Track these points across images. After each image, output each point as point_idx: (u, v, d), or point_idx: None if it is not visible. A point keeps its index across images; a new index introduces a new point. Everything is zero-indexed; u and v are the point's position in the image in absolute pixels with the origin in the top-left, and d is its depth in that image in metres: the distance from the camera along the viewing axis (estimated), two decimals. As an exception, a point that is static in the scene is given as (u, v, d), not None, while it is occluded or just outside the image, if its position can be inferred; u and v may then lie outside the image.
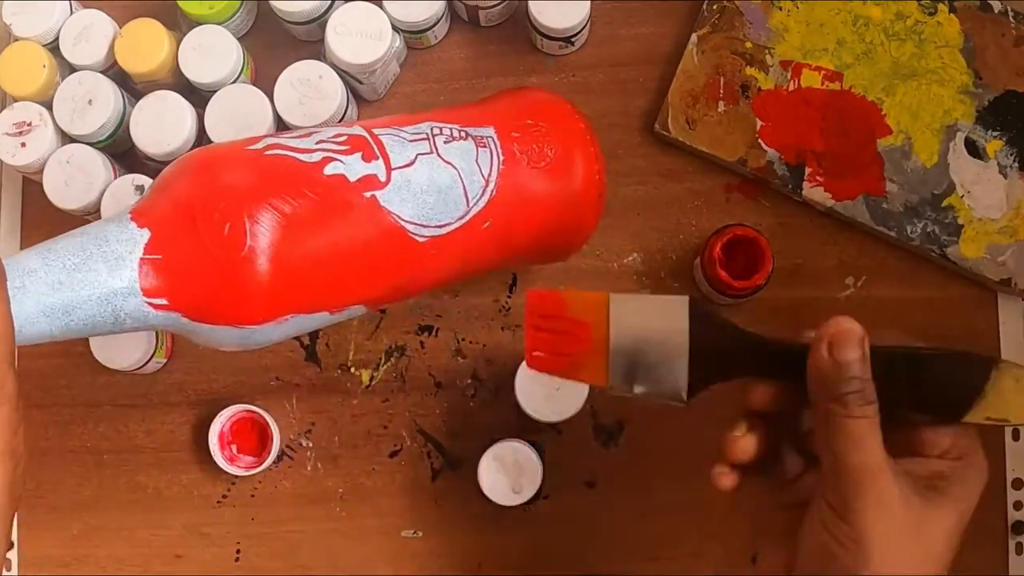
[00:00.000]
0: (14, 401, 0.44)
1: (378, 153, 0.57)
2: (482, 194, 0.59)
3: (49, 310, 0.50)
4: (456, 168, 0.58)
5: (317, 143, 0.57)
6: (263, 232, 0.52)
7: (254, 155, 0.56)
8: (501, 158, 0.60)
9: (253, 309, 0.53)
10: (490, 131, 0.61)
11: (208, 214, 0.52)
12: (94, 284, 0.51)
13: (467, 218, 0.58)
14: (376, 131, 0.58)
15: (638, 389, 0.52)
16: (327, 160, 0.56)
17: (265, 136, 0.58)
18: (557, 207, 0.62)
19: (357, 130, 0.58)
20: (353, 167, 0.56)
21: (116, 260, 0.51)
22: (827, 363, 0.49)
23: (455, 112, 0.63)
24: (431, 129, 0.60)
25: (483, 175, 0.59)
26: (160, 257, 0.52)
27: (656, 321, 0.52)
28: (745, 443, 0.53)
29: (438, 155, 0.58)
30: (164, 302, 0.52)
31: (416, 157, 0.58)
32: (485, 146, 0.60)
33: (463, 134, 0.60)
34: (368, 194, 0.56)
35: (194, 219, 0.52)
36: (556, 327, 0.54)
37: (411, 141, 0.58)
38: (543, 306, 0.54)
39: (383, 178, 0.56)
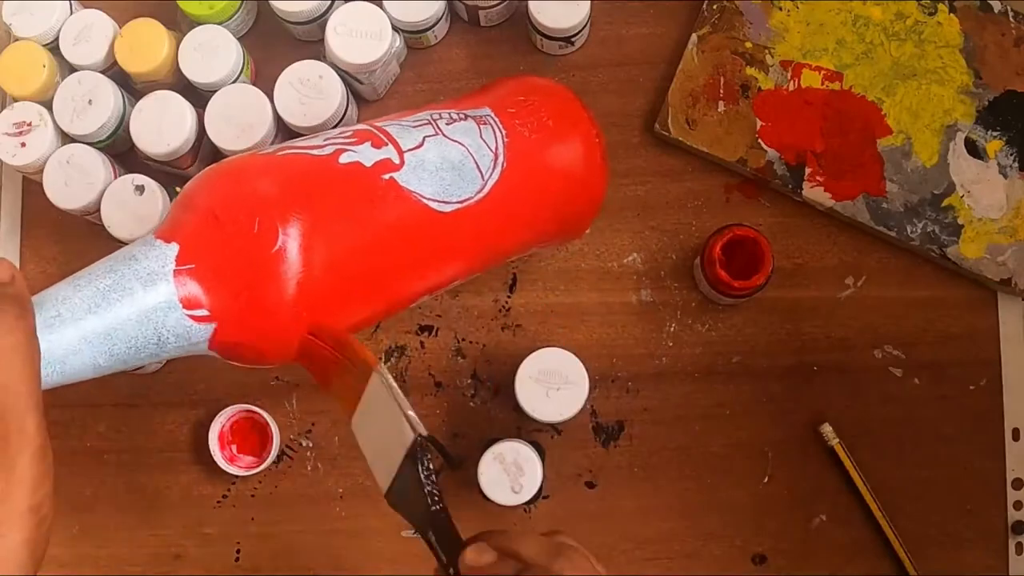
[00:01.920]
0: (38, 450, 0.39)
1: (386, 140, 0.58)
2: (494, 167, 0.61)
3: (90, 335, 0.49)
4: (464, 145, 0.60)
5: (325, 140, 0.58)
6: (292, 225, 0.52)
7: (267, 156, 0.57)
8: (503, 131, 0.62)
9: (290, 307, 0.53)
10: (486, 111, 0.63)
11: (234, 214, 0.52)
12: (131, 303, 0.50)
13: (485, 191, 0.60)
14: (379, 123, 0.60)
15: (365, 445, 0.53)
16: (340, 151, 0.57)
17: (272, 145, 0.59)
18: (565, 170, 0.64)
19: (360, 125, 0.60)
20: (365, 154, 0.57)
21: (149, 276, 0.51)
22: None
23: (449, 102, 0.65)
24: (431, 116, 0.61)
25: (491, 149, 0.61)
26: (194, 266, 0.51)
27: (389, 428, 0.52)
28: None
29: (444, 135, 0.60)
30: (205, 313, 0.52)
31: (424, 139, 0.59)
32: (486, 123, 0.62)
33: (462, 115, 0.62)
34: (387, 176, 0.57)
35: (219, 221, 0.52)
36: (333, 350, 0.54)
37: (414, 127, 0.60)
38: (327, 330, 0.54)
39: (397, 160, 0.57)
